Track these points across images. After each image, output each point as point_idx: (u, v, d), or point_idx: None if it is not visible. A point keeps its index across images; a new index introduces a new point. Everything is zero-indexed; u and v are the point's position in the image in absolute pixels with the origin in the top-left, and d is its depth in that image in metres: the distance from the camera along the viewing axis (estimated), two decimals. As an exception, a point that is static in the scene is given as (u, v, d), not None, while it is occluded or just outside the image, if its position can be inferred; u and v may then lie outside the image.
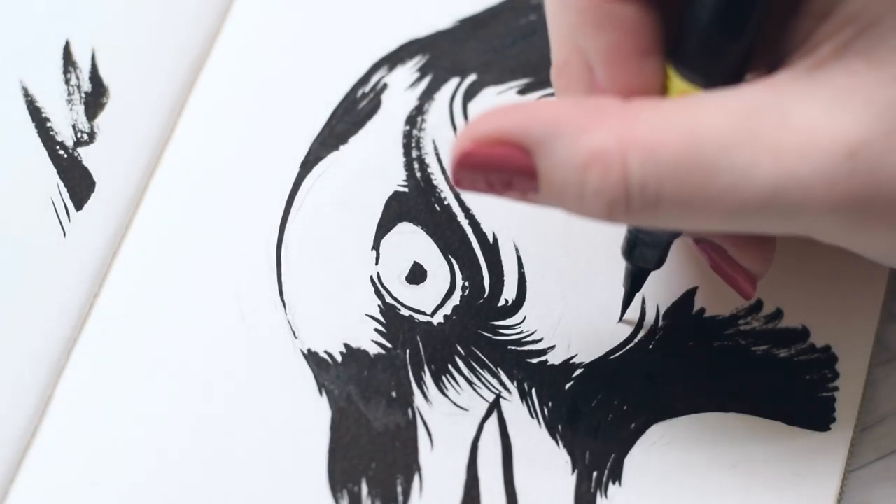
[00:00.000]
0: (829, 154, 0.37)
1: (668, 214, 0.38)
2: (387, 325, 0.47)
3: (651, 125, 0.37)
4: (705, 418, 0.46)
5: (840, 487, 0.45)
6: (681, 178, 0.37)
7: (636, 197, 0.38)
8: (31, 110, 0.50)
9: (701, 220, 0.38)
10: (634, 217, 0.38)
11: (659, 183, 0.37)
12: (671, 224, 0.39)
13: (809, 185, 0.37)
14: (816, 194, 0.37)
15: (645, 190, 0.37)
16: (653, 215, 0.38)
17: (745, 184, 0.37)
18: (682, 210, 0.38)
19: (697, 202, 0.37)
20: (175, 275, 0.47)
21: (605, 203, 0.38)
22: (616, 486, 0.45)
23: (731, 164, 0.37)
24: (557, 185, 0.39)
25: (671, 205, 0.38)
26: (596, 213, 0.39)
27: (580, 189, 0.38)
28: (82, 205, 0.48)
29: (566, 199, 0.39)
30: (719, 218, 0.38)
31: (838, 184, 0.37)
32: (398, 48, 0.51)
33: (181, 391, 0.46)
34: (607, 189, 0.38)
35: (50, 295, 0.47)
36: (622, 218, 0.38)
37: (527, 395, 0.46)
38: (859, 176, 0.37)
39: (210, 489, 0.44)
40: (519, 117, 0.39)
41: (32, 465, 0.45)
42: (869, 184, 0.37)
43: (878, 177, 0.37)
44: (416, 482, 0.45)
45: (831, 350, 0.47)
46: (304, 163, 0.49)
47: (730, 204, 0.37)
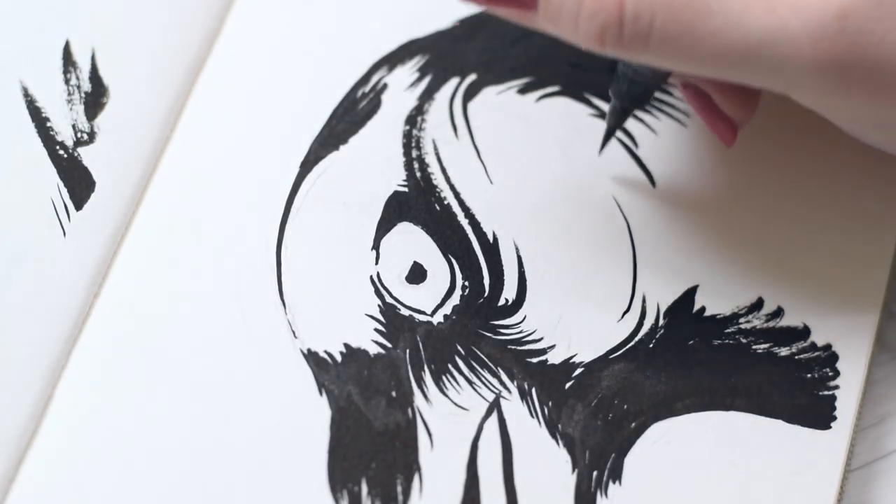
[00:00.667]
0: (820, 12, 0.38)
1: (657, 49, 0.39)
2: (387, 325, 0.47)
3: None
4: (705, 418, 0.46)
5: (840, 487, 0.45)
6: (673, 14, 0.38)
7: (628, 25, 0.39)
8: (31, 110, 0.50)
9: (687, 61, 0.39)
10: (624, 47, 0.39)
11: (652, 15, 0.39)
12: (658, 61, 0.40)
13: (797, 39, 0.38)
14: (803, 49, 0.38)
15: (637, 20, 0.39)
16: (642, 48, 0.39)
17: (734, 29, 0.38)
18: (670, 46, 0.39)
19: (686, 40, 0.39)
20: (175, 275, 0.47)
21: (598, 27, 0.39)
22: (616, 485, 0.45)
23: (723, 7, 0.38)
24: (555, 5, 0.40)
25: (660, 39, 0.39)
26: (588, 37, 0.40)
27: (576, 9, 0.39)
28: (82, 205, 0.48)
29: (562, 19, 0.40)
30: (705, 60, 0.39)
31: (825, 42, 0.38)
32: (398, 48, 0.51)
33: (181, 391, 0.46)
34: (602, 13, 0.39)
35: (50, 295, 0.47)
36: (612, 46, 0.39)
37: (527, 395, 0.46)
38: (846, 38, 0.38)
39: (210, 489, 0.44)
40: None
41: (32, 465, 0.45)
42: (854, 47, 0.38)
43: (863, 41, 0.38)
44: (416, 482, 0.45)
45: (832, 349, 0.47)
46: (304, 163, 0.49)
47: (717, 47, 0.38)
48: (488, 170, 0.49)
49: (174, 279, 0.47)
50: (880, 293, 0.48)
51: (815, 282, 0.47)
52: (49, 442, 0.45)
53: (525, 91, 0.51)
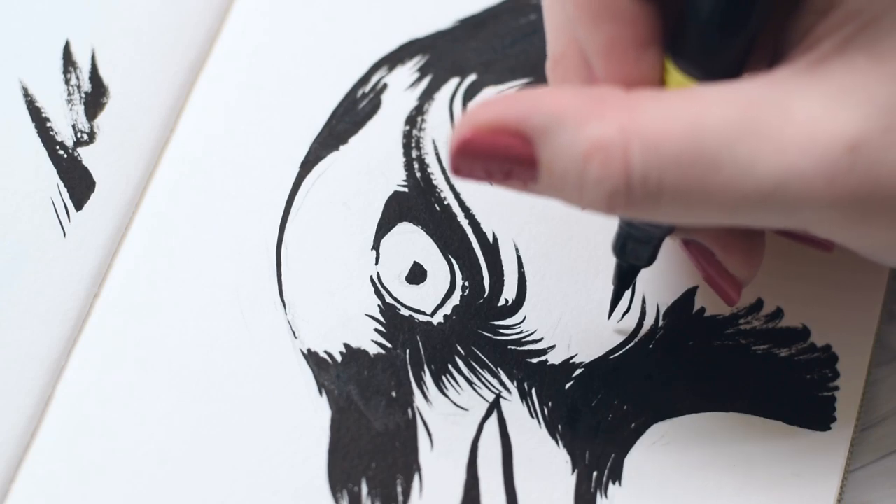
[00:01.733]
0: (829, 149, 0.37)
1: (669, 207, 0.38)
2: (387, 325, 0.47)
3: (653, 116, 0.37)
4: (705, 418, 0.46)
5: (840, 487, 0.45)
6: (682, 171, 0.37)
7: (637, 188, 0.37)
8: (31, 110, 0.50)
9: (701, 213, 0.38)
10: (635, 209, 0.38)
11: (660, 175, 0.37)
12: (671, 217, 0.39)
13: (810, 179, 0.37)
14: (816, 188, 0.37)
15: (646, 181, 0.37)
16: (654, 207, 0.38)
17: (746, 177, 0.37)
18: (682, 202, 0.38)
19: (698, 195, 0.37)
20: (175, 275, 0.47)
21: (606, 194, 0.38)
22: (616, 485, 0.45)
23: (732, 157, 0.37)
24: (558, 175, 0.38)
25: (672, 197, 0.38)
26: (596, 204, 0.38)
27: (580, 179, 0.38)
28: (82, 205, 0.48)
29: (566, 190, 0.39)
30: (720, 211, 0.38)
31: (838, 178, 0.37)
32: (398, 48, 0.51)
33: (181, 391, 0.46)
34: (608, 180, 0.38)
35: (50, 295, 0.47)
36: (622, 210, 0.38)
37: (527, 395, 0.46)
38: (859, 171, 0.37)
39: (210, 489, 0.44)
40: (520, 105, 0.38)
41: (32, 465, 0.45)
42: (868, 179, 0.37)
43: (877, 172, 0.37)
44: (416, 482, 0.45)
45: (832, 350, 0.47)
46: (304, 163, 0.49)
47: (731, 197, 0.37)
48: (488, 170, 0.49)
49: (174, 279, 0.47)
50: (880, 293, 0.48)
51: (815, 283, 0.47)
52: (49, 442, 0.45)
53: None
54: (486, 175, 0.39)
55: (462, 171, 0.39)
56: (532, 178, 0.39)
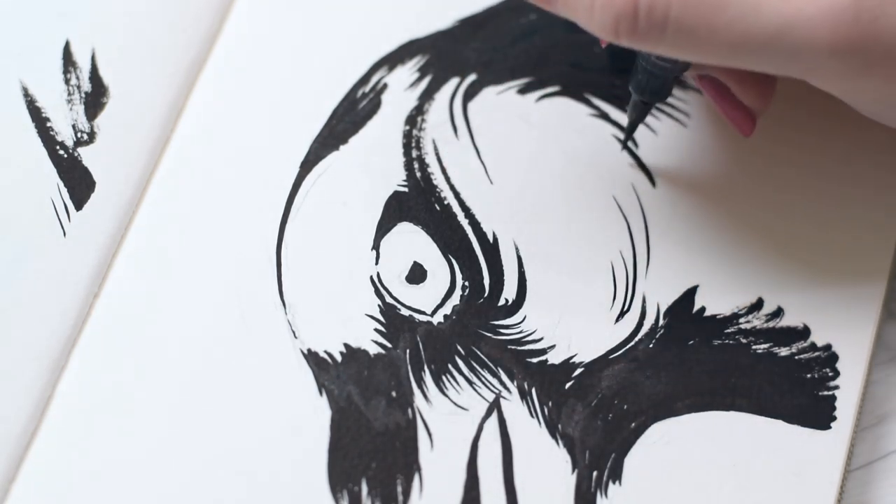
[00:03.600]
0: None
1: (673, 41, 0.39)
2: (387, 325, 0.47)
3: None
4: (705, 418, 0.46)
5: (840, 487, 0.45)
6: (689, 5, 0.38)
7: (643, 16, 0.38)
8: (31, 110, 0.50)
9: (704, 52, 0.39)
10: (639, 38, 0.39)
11: (667, 6, 0.38)
12: (675, 52, 0.40)
13: (814, 25, 0.38)
14: (820, 35, 0.38)
15: (652, 11, 0.38)
16: (657, 39, 0.39)
17: (751, 17, 0.38)
18: (686, 37, 0.39)
19: (703, 31, 0.38)
20: (175, 275, 0.47)
21: (612, 17, 0.39)
22: (616, 485, 0.45)
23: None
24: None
25: (676, 30, 0.38)
26: (603, 27, 0.39)
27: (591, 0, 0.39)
28: (82, 205, 0.48)
29: (578, 9, 0.40)
30: (722, 51, 0.39)
31: (842, 27, 0.38)
32: (398, 48, 0.51)
33: (181, 391, 0.46)
34: (616, 4, 0.39)
35: (50, 295, 0.47)
36: (627, 37, 0.39)
37: (527, 395, 0.46)
38: (862, 21, 0.38)
39: (210, 489, 0.44)
40: None
41: (32, 465, 0.45)
42: (871, 30, 0.38)
43: (880, 24, 0.38)
44: (416, 482, 0.45)
45: (832, 349, 0.47)
46: (304, 163, 0.49)
47: (734, 37, 0.38)
48: (488, 170, 0.49)
49: (174, 279, 0.47)
50: (880, 293, 0.48)
51: (815, 282, 0.47)
52: (49, 442, 0.45)
53: (525, 91, 0.51)
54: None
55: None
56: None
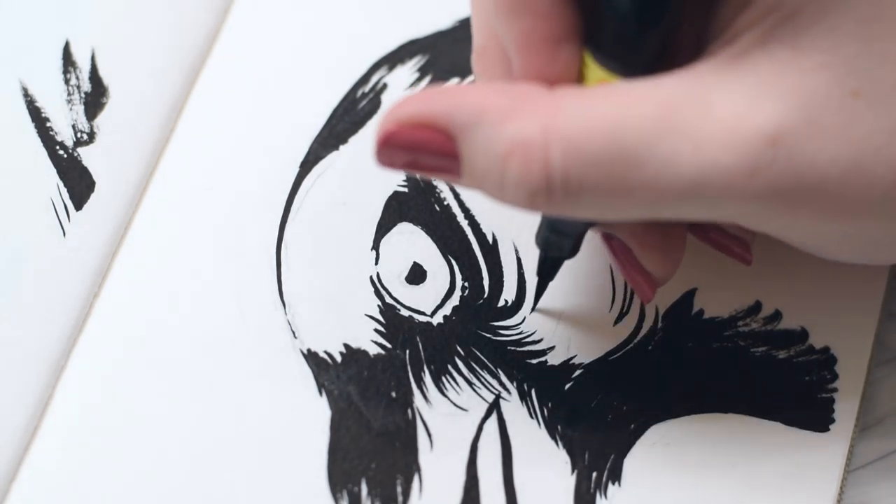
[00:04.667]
0: (750, 142, 0.37)
1: (591, 205, 0.38)
2: (386, 326, 0.47)
3: (574, 115, 0.37)
4: (705, 419, 0.46)
5: (840, 487, 0.45)
6: (603, 170, 0.37)
7: (557, 188, 0.37)
8: (31, 110, 0.50)
9: (624, 211, 0.38)
10: (556, 207, 0.38)
11: (581, 174, 0.37)
12: (593, 214, 0.39)
13: (731, 173, 0.37)
14: (737, 182, 0.37)
15: (567, 181, 0.37)
16: (575, 206, 0.38)
17: (667, 174, 0.37)
18: (604, 201, 0.38)
19: (620, 193, 0.37)
20: (175, 275, 0.47)
21: (526, 193, 0.38)
22: (616, 486, 0.45)
23: (653, 155, 0.37)
24: (479, 172, 0.38)
25: (593, 196, 0.38)
26: (517, 202, 0.38)
27: (501, 178, 0.38)
28: (82, 205, 0.48)
29: (487, 187, 0.39)
30: (641, 208, 0.38)
31: (759, 172, 0.37)
32: (398, 48, 0.51)
33: (181, 391, 0.46)
34: (528, 180, 0.38)
35: (50, 295, 0.47)
36: (543, 208, 0.38)
37: (526, 396, 0.46)
38: (780, 163, 0.37)
39: (210, 489, 0.44)
40: (443, 102, 0.38)
41: (32, 465, 0.45)
42: (790, 171, 0.37)
43: (798, 164, 0.37)
44: (416, 482, 0.45)
45: (830, 351, 0.47)
46: (304, 163, 0.49)
47: (652, 194, 0.37)
48: (488, 170, 0.49)
49: (174, 279, 0.47)
50: (879, 294, 0.48)
51: (814, 284, 0.47)
52: (49, 442, 0.45)
53: (525, 91, 0.51)
54: (409, 167, 0.39)
55: (386, 162, 0.39)
56: (455, 172, 0.39)
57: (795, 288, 0.47)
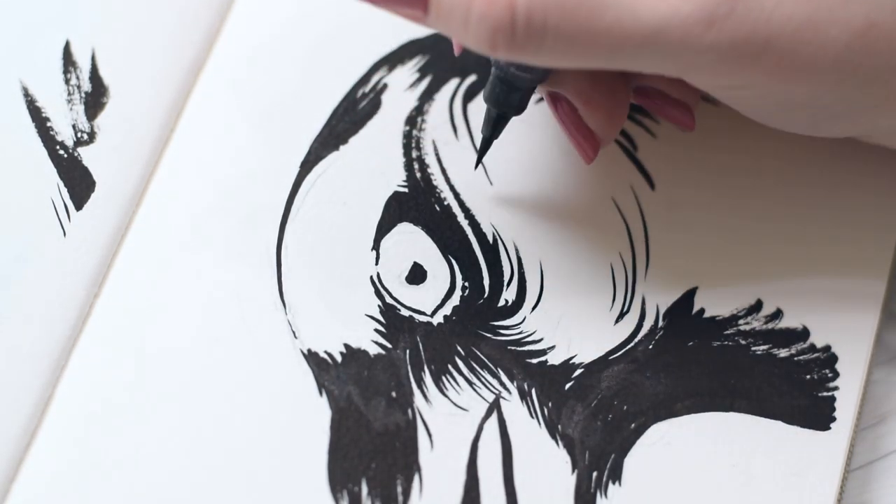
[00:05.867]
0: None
1: (552, 49, 0.38)
2: (387, 326, 0.47)
3: None
4: (705, 418, 0.46)
5: (840, 487, 0.45)
6: (566, 12, 0.38)
7: (520, 27, 0.38)
8: (31, 110, 0.50)
9: (584, 57, 0.39)
10: (517, 49, 0.38)
11: (544, 15, 0.38)
12: (554, 60, 0.39)
13: (690, 23, 0.38)
14: (696, 32, 0.38)
15: (530, 21, 0.38)
16: (536, 49, 0.38)
17: (629, 20, 0.38)
18: (565, 45, 0.38)
19: (582, 37, 0.38)
20: (175, 275, 0.47)
21: (489, 30, 0.38)
22: (616, 486, 0.45)
23: (616, 0, 0.38)
24: (445, 9, 0.39)
25: (555, 38, 0.38)
26: (479, 41, 0.39)
27: (466, 13, 0.38)
28: (82, 205, 0.48)
29: (452, 24, 0.39)
30: (602, 54, 0.38)
31: (717, 22, 0.38)
32: (398, 48, 0.51)
33: (181, 391, 0.46)
34: (492, 17, 0.38)
35: (50, 295, 0.47)
36: (505, 50, 0.38)
37: (527, 396, 0.46)
38: (737, 16, 0.38)
39: (210, 489, 0.44)
40: None
41: (32, 465, 0.45)
42: (746, 24, 0.38)
43: (755, 18, 0.38)
44: (416, 482, 0.45)
45: (831, 350, 0.47)
46: (304, 163, 0.49)
47: (614, 40, 0.38)
48: (488, 170, 0.49)
49: (174, 279, 0.47)
50: (880, 294, 0.48)
51: (815, 283, 0.47)
52: (49, 442, 0.45)
53: (525, 91, 0.51)
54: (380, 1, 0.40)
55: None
56: (422, 8, 0.40)
57: (796, 287, 0.47)
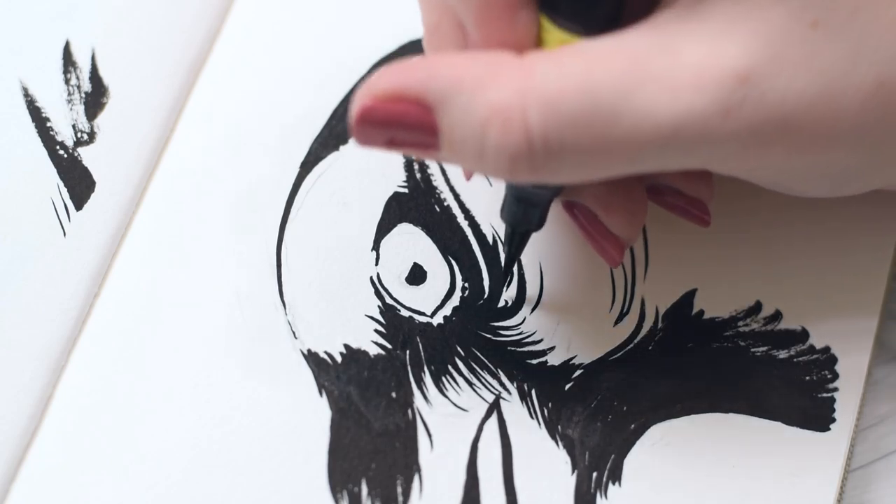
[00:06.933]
0: (721, 84, 0.37)
1: (572, 164, 0.38)
2: (387, 326, 0.47)
3: (547, 77, 0.37)
4: (705, 419, 0.46)
5: (840, 487, 0.45)
6: (581, 128, 0.37)
7: (539, 150, 0.38)
8: (31, 110, 0.50)
9: (605, 168, 0.39)
10: (538, 171, 0.38)
11: (561, 133, 0.37)
12: (575, 175, 0.39)
13: (707, 116, 0.38)
14: (713, 124, 0.38)
15: (547, 142, 0.38)
16: (557, 167, 0.38)
17: (645, 124, 0.37)
18: (585, 158, 0.38)
19: (600, 148, 0.38)
20: (175, 275, 0.47)
21: (508, 159, 0.38)
22: (616, 486, 0.45)
23: (629, 107, 0.37)
24: (458, 142, 0.38)
25: (574, 154, 0.38)
26: (498, 170, 0.38)
27: (481, 146, 0.38)
28: (82, 205, 0.48)
29: (467, 157, 0.39)
30: (623, 162, 0.38)
31: (732, 111, 0.38)
32: (398, 48, 0.51)
33: (181, 391, 0.46)
34: (509, 145, 0.38)
35: (50, 295, 0.47)
36: (525, 173, 0.38)
37: (526, 396, 0.46)
38: (752, 101, 0.38)
39: (210, 489, 0.44)
40: (419, 74, 0.39)
41: (32, 465, 0.45)
42: (762, 108, 0.38)
43: (769, 100, 0.38)
44: (416, 482, 0.45)
45: (831, 351, 0.47)
46: (304, 163, 0.49)
47: (633, 146, 0.38)
48: (488, 171, 0.49)
49: (174, 279, 0.47)
50: (880, 294, 0.48)
51: (814, 284, 0.47)
52: (49, 442, 0.45)
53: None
54: (388, 143, 0.39)
55: (364, 139, 0.39)
56: (433, 145, 0.39)
57: (796, 288, 0.47)
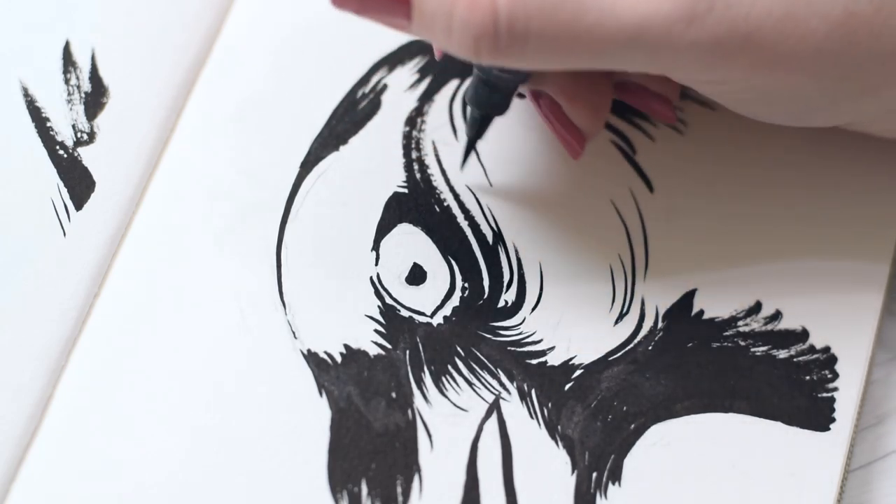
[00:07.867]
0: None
1: (535, 52, 0.38)
2: (387, 326, 0.47)
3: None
4: (705, 419, 0.46)
5: (840, 487, 0.45)
6: (548, 15, 0.38)
7: (503, 32, 0.38)
8: (31, 110, 0.50)
9: (567, 59, 0.39)
10: (501, 54, 0.39)
11: (527, 19, 0.38)
12: (537, 63, 0.39)
13: (670, 20, 0.38)
14: (677, 30, 0.38)
15: (512, 26, 0.38)
16: (519, 53, 0.39)
17: (610, 21, 0.38)
18: (549, 47, 0.38)
19: (564, 40, 0.38)
20: (175, 275, 0.47)
21: (472, 37, 0.38)
22: (616, 486, 0.45)
23: (596, 3, 0.38)
24: (428, 16, 0.39)
25: (538, 42, 0.38)
26: (463, 48, 0.39)
27: (448, 21, 0.39)
28: (82, 205, 0.48)
29: (435, 31, 0.39)
30: (584, 56, 0.39)
31: (697, 19, 0.38)
32: (398, 49, 0.51)
33: (181, 392, 0.46)
34: (475, 23, 0.38)
35: (50, 295, 0.47)
36: (488, 54, 0.39)
37: (526, 396, 0.46)
38: (717, 12, 0.38)
39: (210, 489, 0.44)
40: None
41: (32, 465, 0.45)
42: (726, 20, 0.38)
43: (735, 13, 0.38)
44: (416, 483, 0.45)
45: (831, 351, 0.47)
46: (304, 163, 0.49)
47: (596, 41, 0.38)
48: (488, 171, 0.49)
49: (174, 279, 0.47)
50: (880, 294, 0.48)
51: (814, 284, 0.47)
52: (49, 442, 0.45)
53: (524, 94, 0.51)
54: (360, 7, 0.40)
55: (338, 2, 0.40)
56: (405, 16, 0.40)
57: (796, 288, 0.47)
